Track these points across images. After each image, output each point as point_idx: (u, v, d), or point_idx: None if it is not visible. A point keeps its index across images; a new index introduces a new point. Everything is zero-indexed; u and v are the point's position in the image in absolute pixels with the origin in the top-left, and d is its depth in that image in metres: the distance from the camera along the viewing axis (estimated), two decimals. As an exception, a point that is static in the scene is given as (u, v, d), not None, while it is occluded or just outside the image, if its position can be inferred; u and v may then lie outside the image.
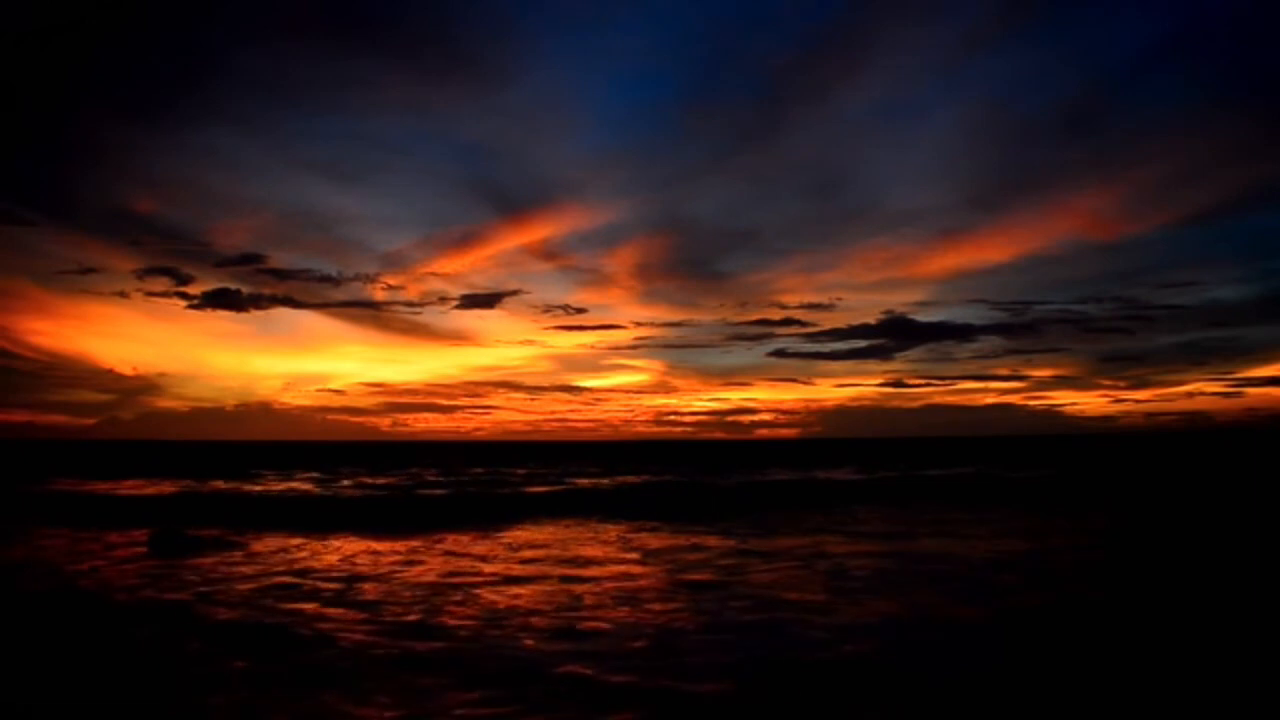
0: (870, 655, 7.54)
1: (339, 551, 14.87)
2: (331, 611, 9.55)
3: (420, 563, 13.40)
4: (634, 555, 14.08)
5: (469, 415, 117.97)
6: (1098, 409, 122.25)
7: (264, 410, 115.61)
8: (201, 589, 10.98)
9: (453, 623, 8.90)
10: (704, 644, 7.94)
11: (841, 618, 9.06)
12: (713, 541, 15.98)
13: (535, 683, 6.71)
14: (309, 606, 9.83)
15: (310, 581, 11.61)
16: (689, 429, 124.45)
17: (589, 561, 13.47)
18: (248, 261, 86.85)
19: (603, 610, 9.52)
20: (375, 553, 14.70)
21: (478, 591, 10.76)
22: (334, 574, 12.33)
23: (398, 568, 12.93)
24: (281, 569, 12.72)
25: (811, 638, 8.17)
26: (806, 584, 11.19)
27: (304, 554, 14.47)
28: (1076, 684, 6.72)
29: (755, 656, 7.51)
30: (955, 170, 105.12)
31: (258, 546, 15.31)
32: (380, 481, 36.49)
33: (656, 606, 9.75)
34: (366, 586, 11.18)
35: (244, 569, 12.70)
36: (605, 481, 36.10)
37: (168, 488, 31.16)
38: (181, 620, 9.16)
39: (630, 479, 37.63)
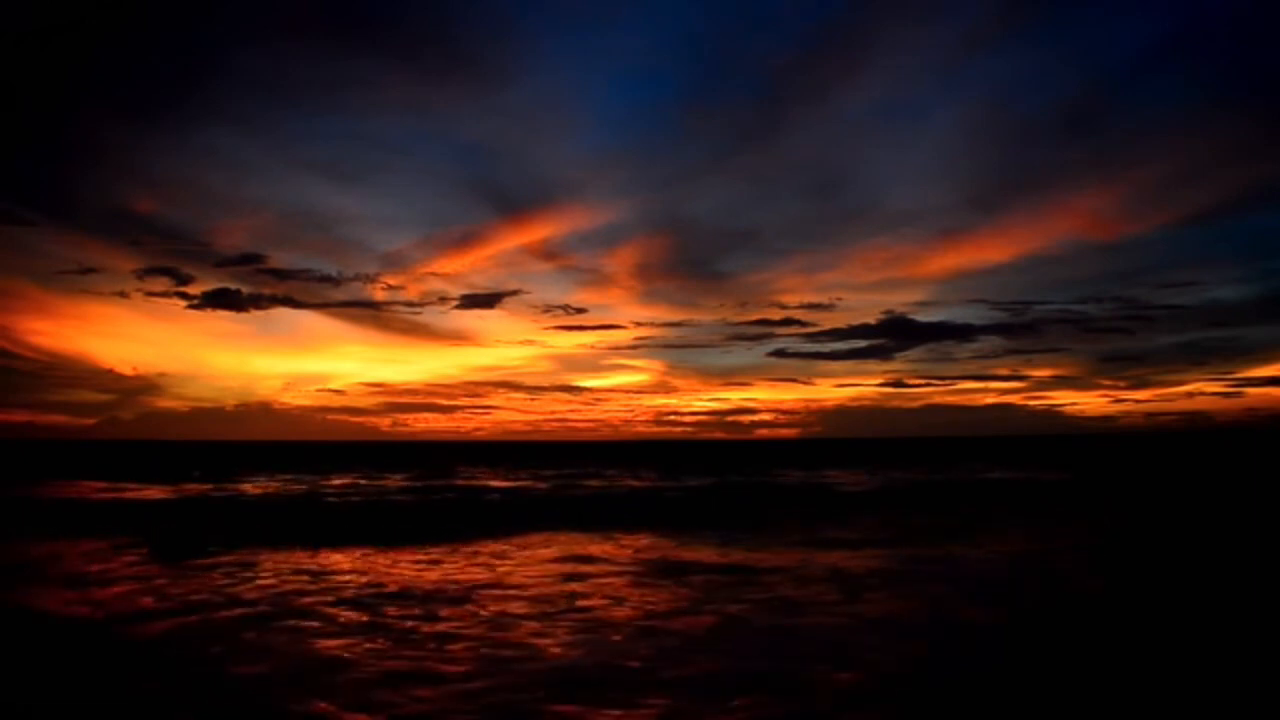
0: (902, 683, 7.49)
1: (352, 562, 14.70)
2: (351, 639, 9.48)
3: (437, 571, 13.32)
4: (667, 582, 12.54)
5: (469, 415, 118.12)
6: (1098, 409, 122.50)
7: (264, 410, 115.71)
8: (209, 604, 10.87)
9: (481, 653, 8.85)
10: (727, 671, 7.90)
11: (881, 654, 9.00)
12: (729, 554, 15.93)
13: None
14: (323, 628, 9.76)
15: (324, 596, 11.50)
16: (689, 429, 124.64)
17: (599, 574, 13.41)
18: (248, 261, 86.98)
19: (629, 642, 9.43)
20: (393, 564, 14.59)
21: (500, 609, 10.71)
22: (350, 590, 12.22)
23: (414, 580, 12.85)
24: (293, 580, 12.58)
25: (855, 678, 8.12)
26: (832, 605, 11.10)
27: (315, 563, 14.22)
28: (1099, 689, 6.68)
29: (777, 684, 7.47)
30: (955, 170, 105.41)
31: (266, 555, 14.91)
32: (385, 484, 36.39)
33: (693, 653, 9.68)
34: (390, 609, 10.71)
35: (254, 581, 12.52)
36: (620, 485, 35.47)
37: (169, 491, 31.02)
38: (187, 647, 9.08)
39: (647, 483, 37.18)
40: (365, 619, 9.60)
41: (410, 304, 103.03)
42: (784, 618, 9.55)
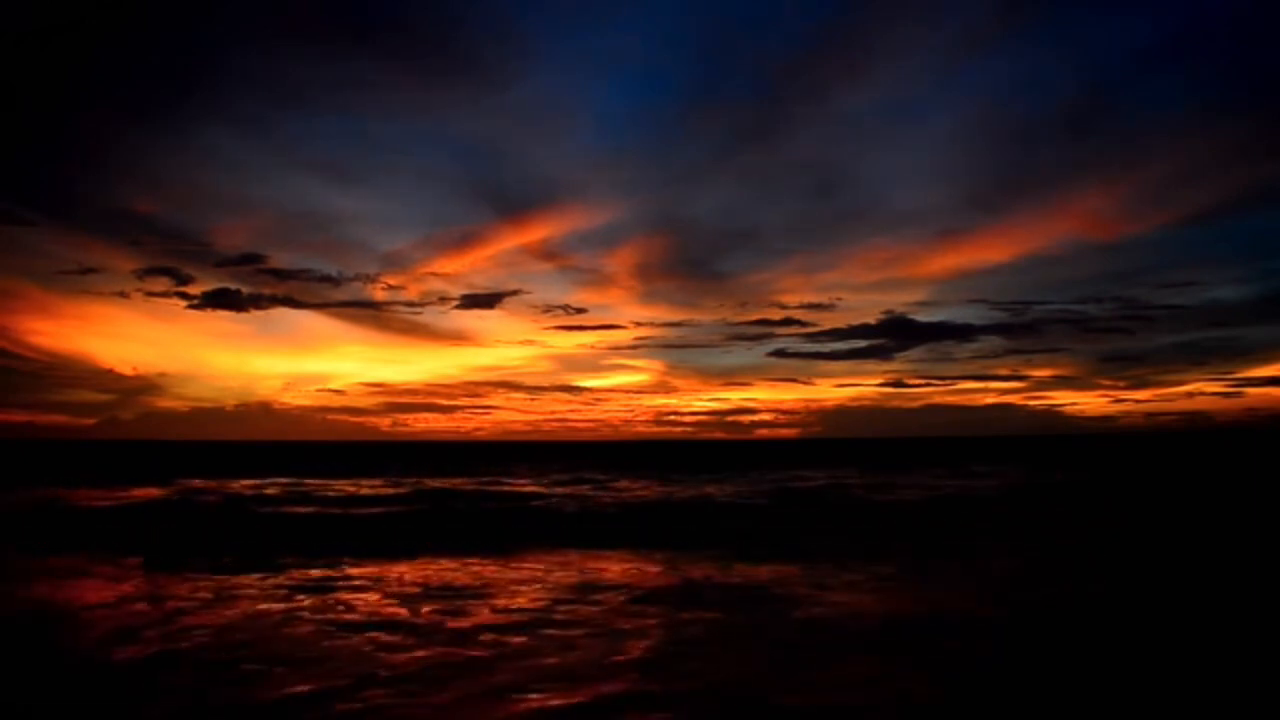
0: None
1: (351, 577, 14.36)
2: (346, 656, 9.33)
3: (443, 586, 13.17)
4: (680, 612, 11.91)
5: (469, 415, 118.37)
6: (1098, 409, 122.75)
7: (264, 410, 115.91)
8: (197, 618, 10.75)
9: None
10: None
11: None
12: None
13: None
14: (317, 646, 9.62)
15: (323, 613, 11.39)
16: (689, 429, 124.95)
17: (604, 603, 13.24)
18: (248, 261, 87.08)
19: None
20: (394, 578, 14.45)
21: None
22: (344, 608, 12.10)
23: (397, 601, 12.71)
24: (284, 593, 12.46)
25: None
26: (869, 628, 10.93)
27: (318, 575, 13.81)
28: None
29: None
30: (955, 170, 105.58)
31: (287, 567, 14.27)
32: (370, 492, 36.11)
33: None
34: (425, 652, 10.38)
35: (243, 593, 12.47)
36: (649, 493, 32.97)
37: (169, 492, 30.77)
38: (180, 665, 8.91)
39: (652, 492, 35.85)
40: (358, 638, 9.46)
41: (410, 304, 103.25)
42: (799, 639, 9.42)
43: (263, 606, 11.04)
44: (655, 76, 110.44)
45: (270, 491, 32.65)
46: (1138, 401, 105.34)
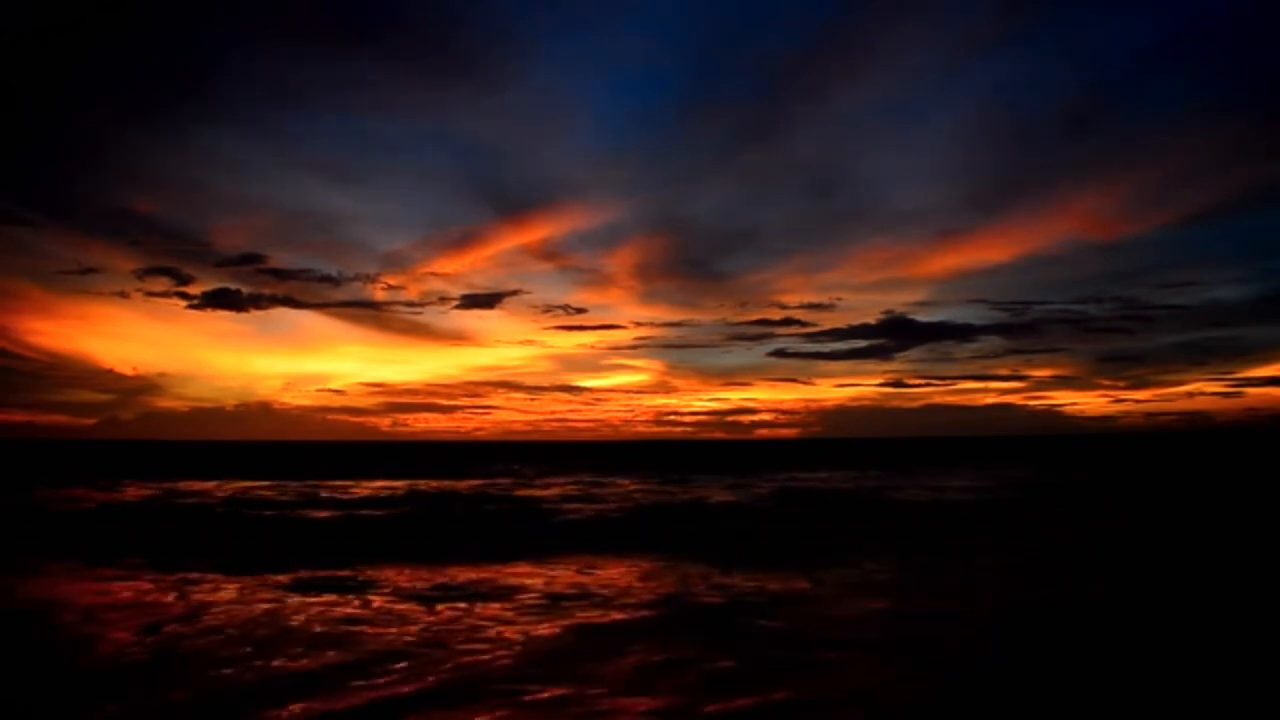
0: None
1: (347, 584, 14.53)
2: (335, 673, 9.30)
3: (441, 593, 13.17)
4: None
5: (469, 415, 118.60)
6: (1098, 409, 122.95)
7: (264, 410, 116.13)
8: (214, 635, 10.75)
9: None
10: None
11: None
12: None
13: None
14: (312, 662, 9.61)
15: (322, 619, 11.37)
16: (689, 429, 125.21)
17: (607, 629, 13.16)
18: (248, 261, 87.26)
19: None
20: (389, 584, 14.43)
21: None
22: (332, 619, 12.12)
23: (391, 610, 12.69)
24: (275, 601, 12.46)
25: None
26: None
27: (355, 580, 13.79)
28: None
29: None
30: (955, 170, 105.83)
31: (289, 568, 14.09)
32: (370, 493, 36.09)
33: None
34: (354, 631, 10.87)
35: (276, 600, 12.46)
36: (649, 494, 34.12)
37: (167, 492, 30.72)
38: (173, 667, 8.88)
39: (658, 495, 36.48)
40: (364, 642, 9.48)
41: (410, 304, 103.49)
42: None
43: (265, 608, 11.03)
44: (655, 76, 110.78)
45: (271, 493, 32.63)
46: (1138, 401, 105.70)
